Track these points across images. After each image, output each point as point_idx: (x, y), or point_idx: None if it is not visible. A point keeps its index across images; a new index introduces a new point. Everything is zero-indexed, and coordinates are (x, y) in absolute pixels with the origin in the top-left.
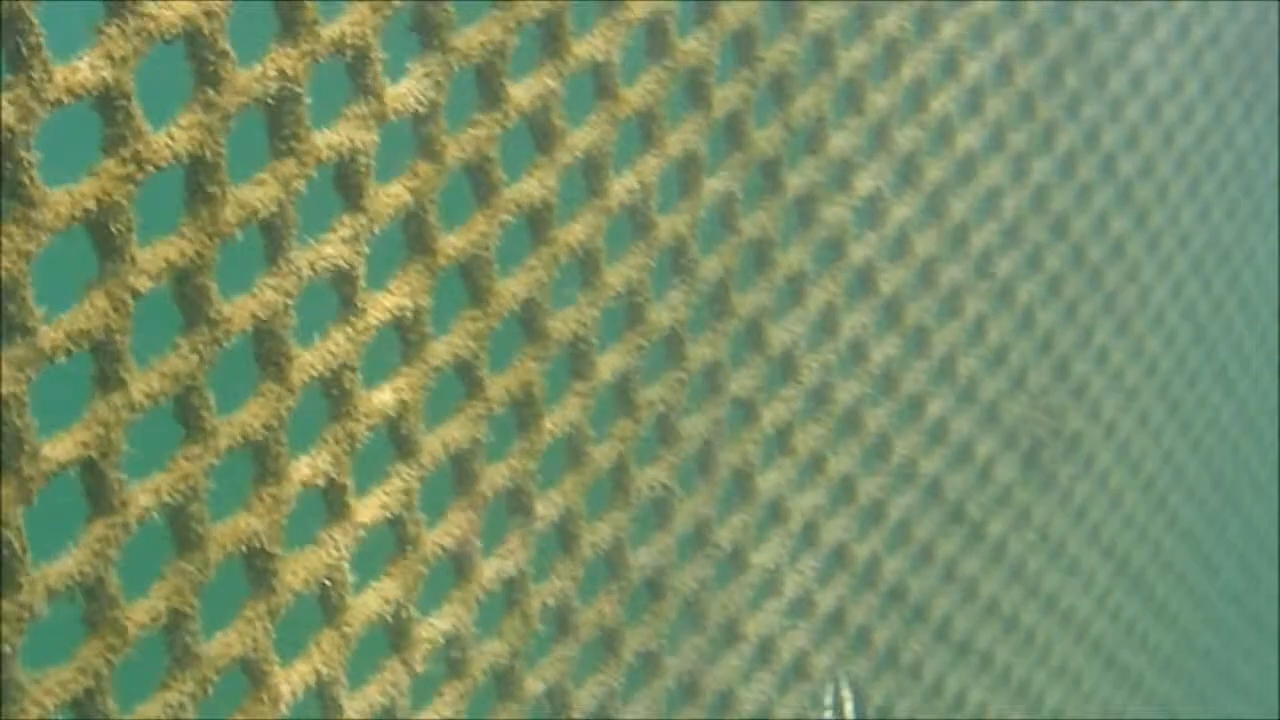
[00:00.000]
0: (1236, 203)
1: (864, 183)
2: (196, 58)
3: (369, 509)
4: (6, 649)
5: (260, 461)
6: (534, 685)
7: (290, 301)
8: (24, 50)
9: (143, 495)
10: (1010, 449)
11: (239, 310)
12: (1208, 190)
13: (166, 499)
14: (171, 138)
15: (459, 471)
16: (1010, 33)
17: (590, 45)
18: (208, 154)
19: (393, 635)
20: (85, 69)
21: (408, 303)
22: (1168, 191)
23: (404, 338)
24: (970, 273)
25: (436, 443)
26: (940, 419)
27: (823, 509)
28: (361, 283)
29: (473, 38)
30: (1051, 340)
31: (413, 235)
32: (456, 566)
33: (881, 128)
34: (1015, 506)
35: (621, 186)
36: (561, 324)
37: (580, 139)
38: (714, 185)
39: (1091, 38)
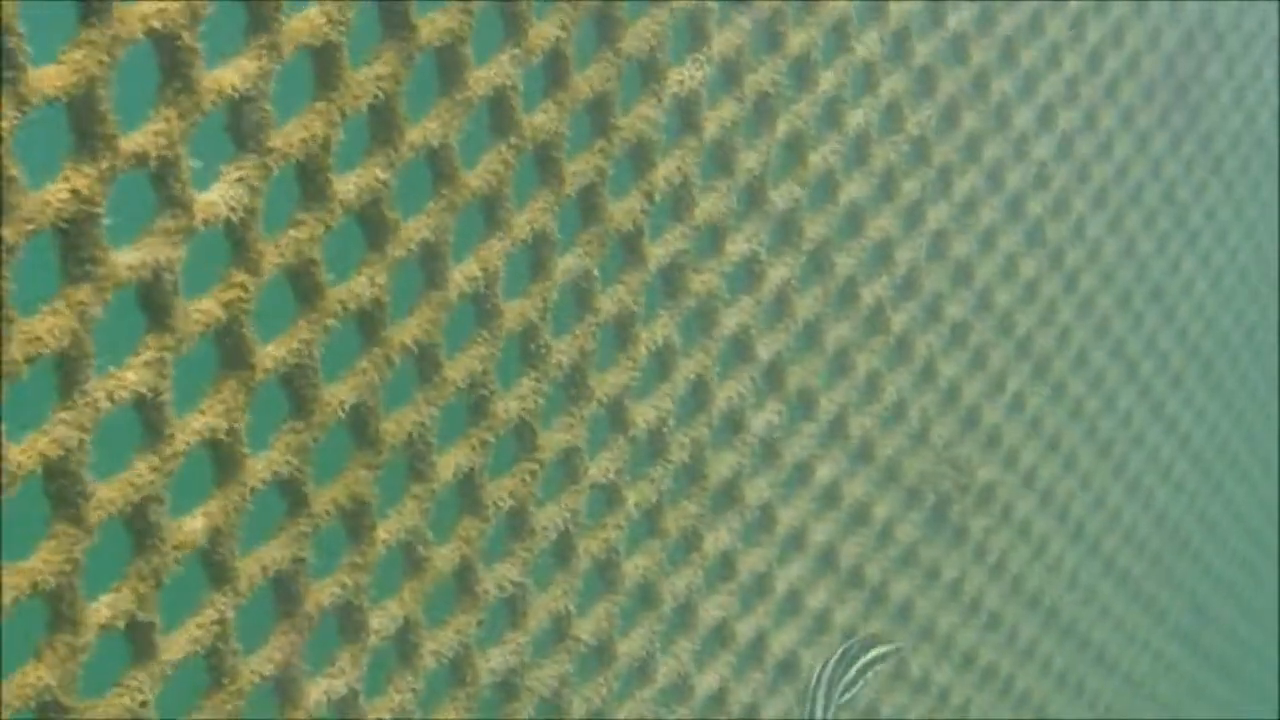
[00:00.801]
0: (1167, 235)
1: (737, 246)
2: None
3: (178, 644)
4: None
5: (53, 608)
6: None
7: (86, 436)
8: None
9: None
10: (913, 507)
11: (27, 453)
12: (1132, 223)
13: None
14: None
15: (280, 593)
16: (897, 77)
17: (425, 130)
18: None
19: None
20: None
21: (221, 423)
22: (1084, 228)
23: (217, 459)
24: (860, 330)
25: (254, 565)
26: (831, 483)
27: (698, 589)
28: (168, 408)
29: (292, 134)
30: (957, 391)
31: (227, 350)
32: (279, 692)
33: (755, 187)
34: (921, 565)
35: (462, 274)
36: (396, 426)
37: (416, 229)
38: (568, 263)
39: (990, 74)
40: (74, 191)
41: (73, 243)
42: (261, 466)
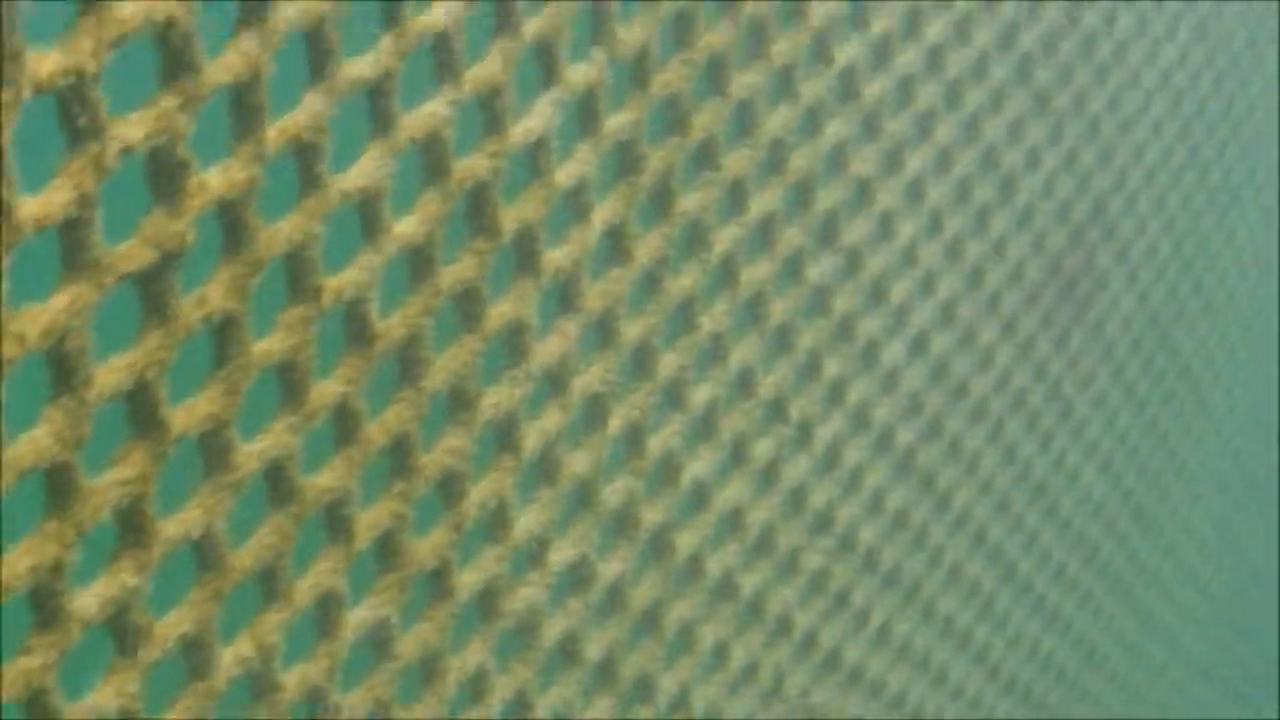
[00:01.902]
0: (1051, 433)
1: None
2: None
3: None
4: None
5: None
6: None
7: None
8: None
9: None
10: None
11: None
12: (1012, 430)
13: None
14: None
15: None
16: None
17: (317, 487)
18: None
19: None
20: None
21: None
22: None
23: None
24: (804, 591)
25: None
26: None
27: None
28: None
29: (171, 527)
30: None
31: None
32: None
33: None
34: None
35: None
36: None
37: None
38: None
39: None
40: None
41: None
42: None
